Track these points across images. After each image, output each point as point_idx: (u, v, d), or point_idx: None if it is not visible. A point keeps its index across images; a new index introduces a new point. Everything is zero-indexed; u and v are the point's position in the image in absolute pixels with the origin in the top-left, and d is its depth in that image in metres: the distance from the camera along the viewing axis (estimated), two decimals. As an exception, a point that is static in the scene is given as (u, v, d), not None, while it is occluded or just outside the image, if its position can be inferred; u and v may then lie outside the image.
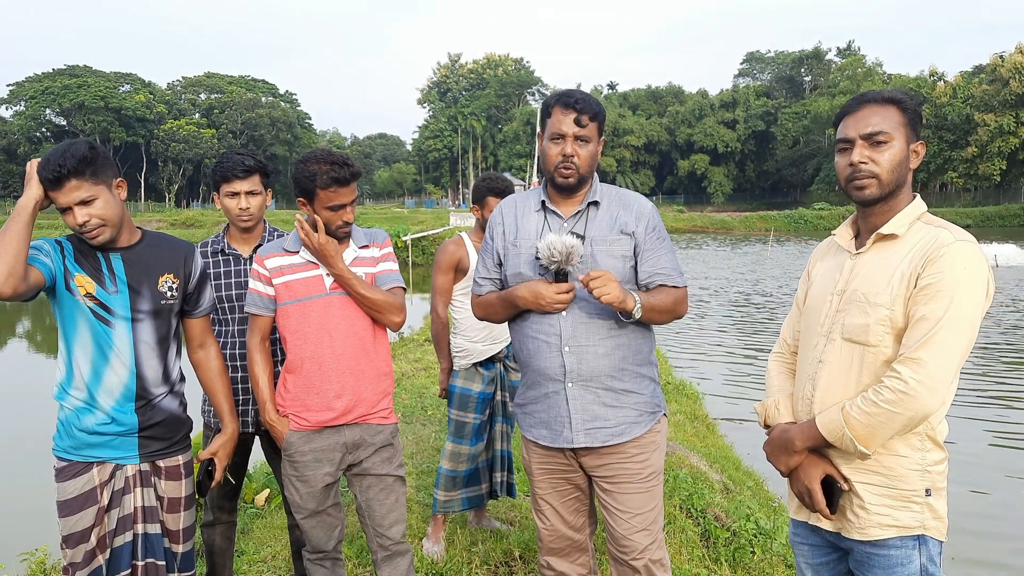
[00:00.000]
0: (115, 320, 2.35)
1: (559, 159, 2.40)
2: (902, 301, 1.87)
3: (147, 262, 2.43)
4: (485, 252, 2.64)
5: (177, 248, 2.53)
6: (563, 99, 2.41)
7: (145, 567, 2.46)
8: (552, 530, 2.60)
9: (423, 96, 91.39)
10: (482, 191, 3.71)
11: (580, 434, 2.43)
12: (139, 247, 2.44)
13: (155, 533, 2.46)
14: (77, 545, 2.31)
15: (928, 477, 1.90)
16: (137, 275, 2.40)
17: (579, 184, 2.45)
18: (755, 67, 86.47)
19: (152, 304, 2.41)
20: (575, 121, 2.37)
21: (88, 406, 2.34)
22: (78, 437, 2.34)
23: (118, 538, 2.40)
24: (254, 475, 4.94)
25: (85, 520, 2.32)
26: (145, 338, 2.40)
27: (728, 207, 71.08)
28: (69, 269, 2.31)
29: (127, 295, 2.37)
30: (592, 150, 2.43)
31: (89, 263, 2.34)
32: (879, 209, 1.99)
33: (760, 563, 3.70)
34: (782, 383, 2.22)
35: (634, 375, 2.46)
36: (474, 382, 3.74)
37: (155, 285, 2.42)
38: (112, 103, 69.34)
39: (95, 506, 2.34)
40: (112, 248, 2.38)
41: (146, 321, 2.40)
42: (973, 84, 60.07)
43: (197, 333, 2.62)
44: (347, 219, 2.60)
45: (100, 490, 2.35)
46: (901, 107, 1.95)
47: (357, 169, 2.60)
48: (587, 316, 2.40)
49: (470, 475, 3.81)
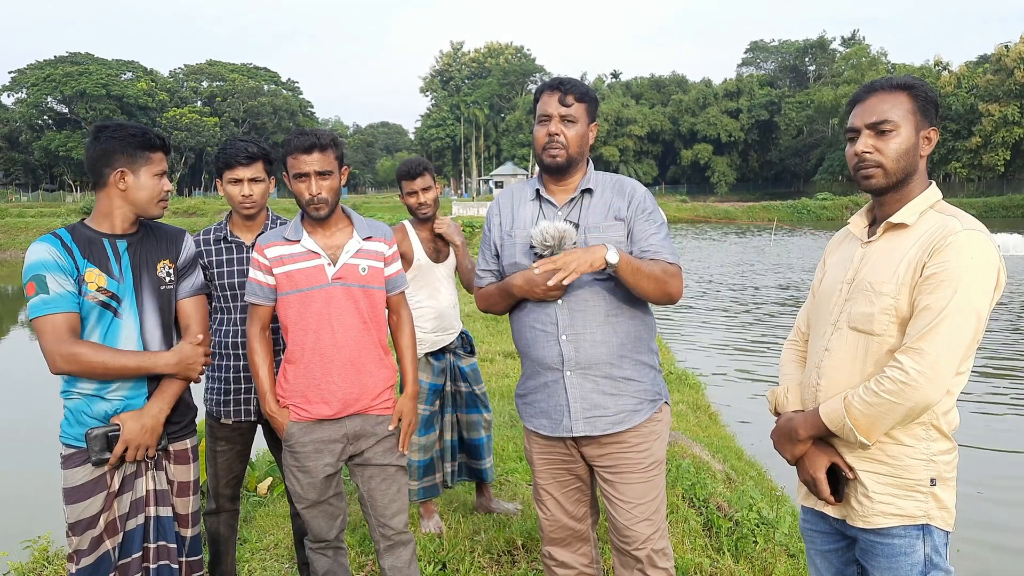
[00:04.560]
0: (122, 310, 2.35)
1: (546, 139, 2.42)
2: (907, 290, 1.85)
3: (147, 249, 2.44)
4: (484, 244, 2.64)
5: (171, 234, 2.55)
6: (550, 83, 2.46)
7: (156, 549, 2.47)
8: (553, 520, 2.59)
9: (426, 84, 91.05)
10: (396, 177, 3.84)
11: (579, 422, 2.42)
12: (138, 234, 2.45)
13: (167, 516, 2.47)
14: (84, 532, 2.31)
15: (933, 467, 1.89)
16: (139, 263, 2.41)
17: (568, 165, 2.44)
18: (759, 56, 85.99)
19: (154, 291, 2.42)
20: (559, 101, 2.40)
21: (98, 396, 2.34)
22: (89, 423, 2.33)
23: (130, 521, 2.40)
24: (257, 464, 4.94)
25: (94, 506, 2.32)
26: (151, 325, 2.41)
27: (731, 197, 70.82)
28: (79, 267, 2.29)
29: (131, 283, 2.38)
30: (580, 131, 2.42)
31: (96, 252, 2.34)
32: (890, 198, 1.97)
33: (763, 553, 3.70)
34: (793, 371, 2.22)
35: (634, 362, 2.45)
36: (424, 373, 3.74)
37: (154, 272, 2.44)
38: (114, 91, 69.24)
39: (104, 492, 2.34)
40: (118, 235, 2.39)
41: (151, 308, 2.41)
42: (978, 74, 59.76)
43: (182, 316, 2.55)
44: (312, 191, 2.54)
45: (111, 475, 2.35)
46: (911, 93, 1.93)
47: (323, 139, 2.55)
48: (584, 303, 2.39)
49: (425, 466, 3.81)
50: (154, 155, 2.39)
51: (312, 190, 2.54)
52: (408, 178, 3.72)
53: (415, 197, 3.71)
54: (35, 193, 66.22)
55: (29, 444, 8.04)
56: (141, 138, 2.36)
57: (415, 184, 3.71)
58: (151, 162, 2.39)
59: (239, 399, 3.00)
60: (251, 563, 3.64)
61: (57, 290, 2.25)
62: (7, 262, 33.85)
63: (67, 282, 2.26)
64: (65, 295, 2.26)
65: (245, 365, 2.95)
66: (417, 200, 3.71)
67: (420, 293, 3.74)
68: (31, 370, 13.00)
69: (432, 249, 3.78)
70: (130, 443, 2.32)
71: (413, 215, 3.79)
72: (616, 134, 75.30)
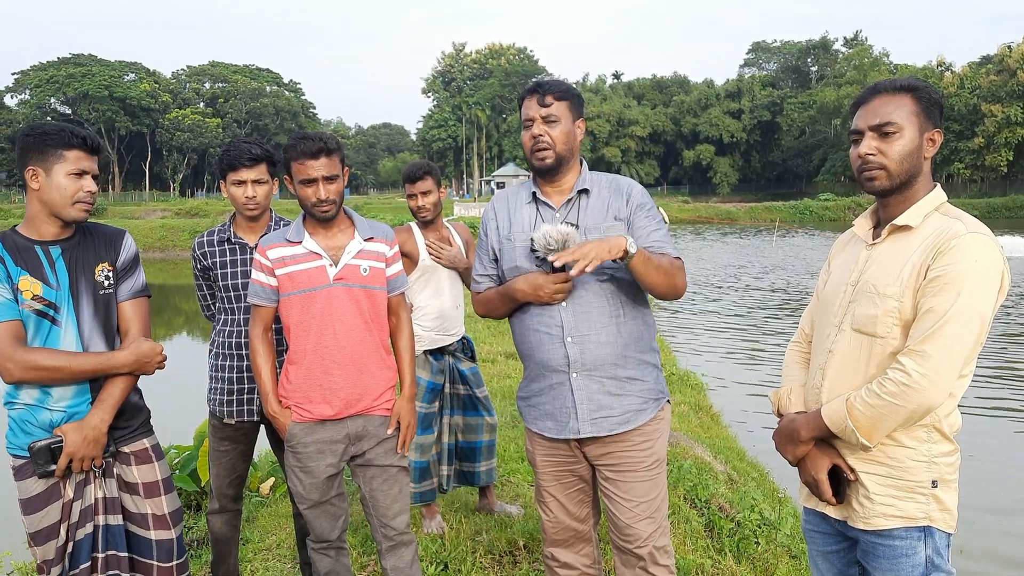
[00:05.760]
0: (61, 317, 2.27)
1: (531, 142, 2.43)
2: (911, 293, 1.85)
3: (83, 253, 2.35)
4: (480, 249, 2.64)
5: (110, 235, 2.44)
6: (528, 87, 2.48)
7: (106, 559, 2.39)
8: (556, 521, 2.60)
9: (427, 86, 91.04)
10: (402, 179, 3.87)
11: (586, 424, 2.42)
12: (74, 238, 2.35)
13: (116, 524, 2.39)
14: (46, 542, 2.27)
15: (935, 469, 1.89)
16: (76, 268, 2.32)
17: (559, 165, 2.44)
18: (761, 57, 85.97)
19: (92, 296, 2.34)
20: (539, 102, 2.41)
21: (40, 405, 2.27)
22: (35, 433, 2.26)
23: (79, 531, 2.33)
24: (259, 464, 4.95)
25: (51, 515, 2.27)
26: (91, 331, 2.32)
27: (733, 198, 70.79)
28: (12, 275, 2.20)
29: (68, 290, 2.29)
30: (564, 129, 2.42)
31: (29, 260, 2.25)
32: (895, 200, 1.97)
33: (764, 553, 3.70)
34: (796, 372, 2.22)
35: (637, 362, 2.46)
36: (423, 370, 3.73)
37: (92, 276, 2.35)
38: (117, 92, 69.31)
39: (59, 500, 2.29)
40: (51, 241, 2.30)
41: (90, 314, 2.32)
42: (980, 75, 59.72)
43: (121, 320, 2.44)
44: (320, 195, 2.55)
45: (63, 484, 2.30)
46: (915, 95, 1.93)
47: (330, 144, 2.56)
48: (587, 305, 2.40)
49: (422, 469, 3.79)
50: (69, 153, 2.24)
51: (320, 194, 2.55)
52: (409, 181, 3.74)
53: (415, 200, 3.74)
54: (38, 194, 66.15)
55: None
56: (55, 136, 2.23)
57: (415, 187, 3.73)
58: (64, 160, 2.23)
59: (242, 399, 3.00)
60: (253, 563, 3.64)
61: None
62: (10, 263, 33.78)
63: (4, 290, 2.18)
64: (4, 303, 2.18)
65: (248, 366, 2.96)
66: (416, 203, 3.74)
67: (424, 293, 3.75)
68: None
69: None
70: (74, 455, 2.24)
71: (415, 217, 3.81)
72: (618, 135, 75.29)
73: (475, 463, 3.98)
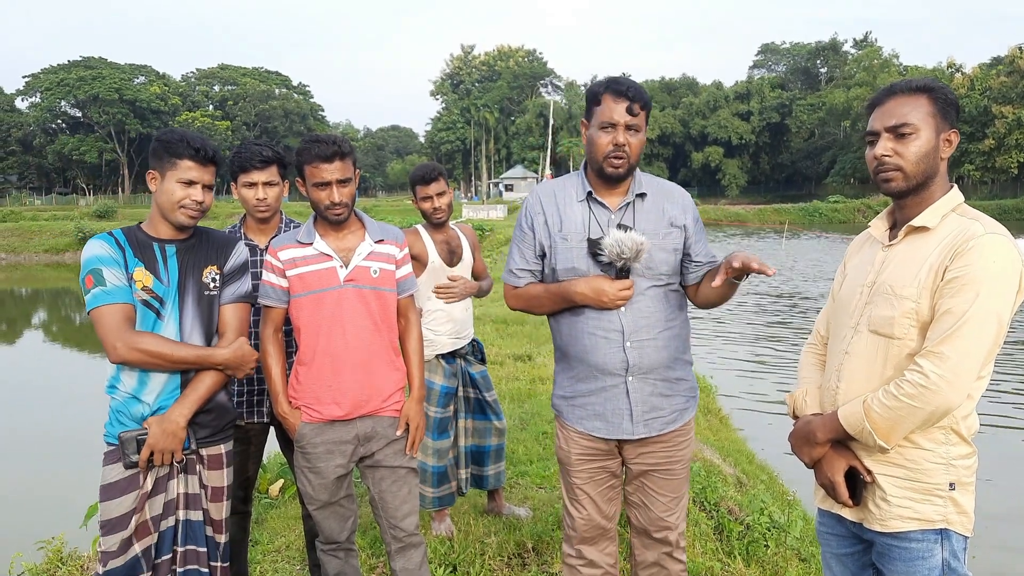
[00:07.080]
0: (165, 311, 2.40)
1: (610, 148, 2.34)
2: (929, 294, 1.84)
3: (195, 255, 2.49)
4: (523, 243, 2.56)
5: (223, 241, 2.60)
6: (614, 86, 2.33)
7: (185, 553, 2.48)
8: (587, 519, 2.61)
9: (436, 88, 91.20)
10: (410, 183, 3.85)
11: (640, 425, 2.46)
12: (190, 240, 2.50)
13: (197, 520, 2.49)
14: (113, 532, 2.33)
15: (952, 471, 1.87)
16: (186, 268, 2.46)
17: (627, 174, 2.42)
18: (770, 59, 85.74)
19: (197, 296, 2.46)
20: (627, 110, 2.32)
21: (135, 396, 2.37)
22: (128, 424, 2.37)
23: (163, 523, 2.43)
24: (268, 465, 4.96)
25: (125, 505, 2.34)
26: (192, 328, 2.44)
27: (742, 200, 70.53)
28: (129, 265, 2.37)
29: (176, 287, 2.43)
30: (642, 139, 2.40)
31: (146, 255, 2.41)
32: (911, 201, 1.96)
33: (774, 556, 3.68)
34: (812, 374, 2.21)
35: (682, 363, 2.55)
36: (436, 374, 3.72)
37: (200, 277, 2.48)
38: (127, 95, 69.71)
39: (136, 491, 2.36)
40: (168, 240, 2.46)
41: (192, 312, 2.45)
42: (991, 76, 59.34)
43: (221, 322, 2.57)
44: (334, 199, 2.56)
45: (143, 476, 2.37)
46: (931, 96, 1.92)
47: (344, 148, 2.57)
48: (646, 310, 2.42)
49: (440, 474, 3.77)
50: (181, 161, 2.39)
51: (334, 198, 2.56)
52: (423, 183, 3.71)
53: (429, 202, 3.71)
54: (48, 196, 66.68)
55: (36, 446, 8.11)
56: (172, 144, 2.39)
57: (429, 189, 3.70)
58: (176, 167, 2.39)
59: (252, 400, 3.01)
60: (262, 564, 3.64)
61: (114, 282, 2.32)
62: (22, 265, 34.13)
63: (122, 276, 2.34)
64: (121, 287, 2.33)
65: (258, 368, 2.96)
66: (432, 205, 3.71)
67: (434, 297, 3.74)
68: (47, 372, 13.09)
69: (446, 252, 3.78)
70: (154, 447, 2.34)
71: (427, 220, 3.78)
72: (626, 137, 75.00)
73: (484, 467, 3.97)
